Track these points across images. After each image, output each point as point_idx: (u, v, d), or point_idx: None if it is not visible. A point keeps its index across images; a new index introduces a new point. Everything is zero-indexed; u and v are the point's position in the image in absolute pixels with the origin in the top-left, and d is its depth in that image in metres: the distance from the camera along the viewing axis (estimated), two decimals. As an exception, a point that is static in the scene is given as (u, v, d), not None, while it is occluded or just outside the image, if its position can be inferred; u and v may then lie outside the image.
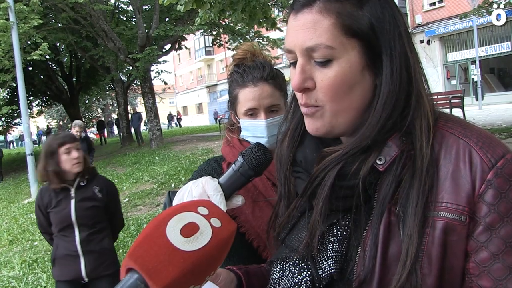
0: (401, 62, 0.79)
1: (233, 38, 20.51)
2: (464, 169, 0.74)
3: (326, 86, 0.79)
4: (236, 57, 1.55)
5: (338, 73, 0.78)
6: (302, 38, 0.79)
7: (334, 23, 0.77)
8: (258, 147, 0.94)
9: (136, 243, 0.64)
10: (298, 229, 0.90)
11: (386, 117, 0.78)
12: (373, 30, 0.78)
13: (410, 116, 0.79)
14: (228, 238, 0.69)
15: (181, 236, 0.64)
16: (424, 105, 0.80)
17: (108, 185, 3.29)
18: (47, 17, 19.06)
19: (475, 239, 0.72)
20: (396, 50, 0.79)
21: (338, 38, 0.77)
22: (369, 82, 0.81)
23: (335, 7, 0.77)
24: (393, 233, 0.76)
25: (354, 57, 0.78)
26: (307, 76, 0.81)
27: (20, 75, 12.68)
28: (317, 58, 0.79)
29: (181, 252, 0.62)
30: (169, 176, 11.11)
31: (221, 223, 0.69)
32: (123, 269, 0.63)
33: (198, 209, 0.70)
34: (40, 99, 31.64)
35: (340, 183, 0.80)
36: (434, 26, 24.78)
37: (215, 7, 7.88)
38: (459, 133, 0.78)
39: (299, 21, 0.80)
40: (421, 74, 0.83)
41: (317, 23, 0.78)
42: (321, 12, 0.78)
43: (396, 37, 0.80)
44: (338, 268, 0.81)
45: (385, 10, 0.80)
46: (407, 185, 0.76)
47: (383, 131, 0.78)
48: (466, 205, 0.72)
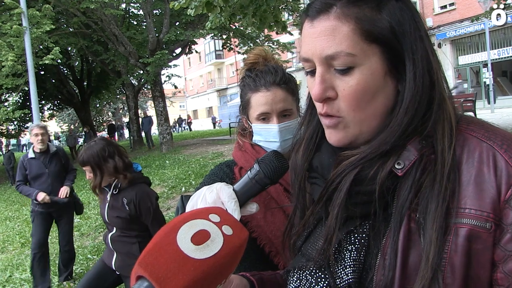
0: (423, 66, 0.77)
1: (243, 42, 20.58)
2: (488, 173, 0.71)
3: (348, 95, 0.77)
4: (248, 62, 1.55)
5: (360, 81, 0.76)
6: (321, 46, 0.77)
7: (353, 29, 0.75)
8: (275, 155, 0.93)
9: (146, 250, 0.63)
10: (315, 237, 0.88)
11: (408, 122, 0.76)
12: (394, 34, 0.76)
13: (432, 120, 0.76)
14: (239, 246, 0.68)
15: (192, 244, 0.63)
16: (446, 108, 0.78)
17: (140, 198, 3.20)
18: (59, 22, 19.23)
19: (502, 248, 0.69)
20: (418, 53, 0.77)
21: (358, 45, 0.75)
22: (392, 87, 0.79)
23: (353, 12, 0.75)
24: (414, 241, 0.73)
25: (376, 63, 0.76)
26: (327, 86, 0.79)
27: (32, 79, 12.80)
28: (338, 66, 0.77)
29: (192, 260, 0.61)
30: (180, 180, 11.12)
31: (232, 230, 0.68)
32: (133, 277, 0.62)
33: (210, 216, 0.69)
34: (52, 103, 31.93)
35: (357, 188, 0.78)
36: (445, 29, 24.63)
37: (225, 11, 7.89)
38: (482, 135, 0.75)
39: (316, 28, 0.78)
40: (442, 77, 0.81)
41: (335, 30, 0.75)
42: (339, 18, 0.75)
43: (418, 40, 0.77)
44: (356, 277, 0.78)
45: (404, 13, 0.77)
46: (427, 191, 0.73)
47: (403, 136, 0.76)
48: (491, 211, 0.69)
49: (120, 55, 19.41)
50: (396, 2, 0.78)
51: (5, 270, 6.57)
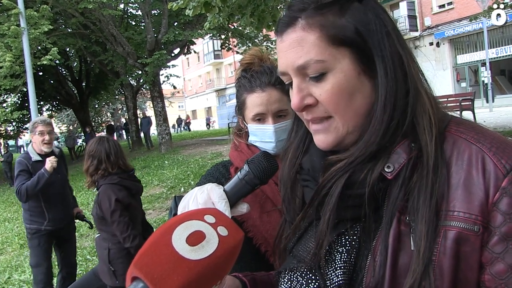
0: (393, 61, 0.78)
1: (241, 42, 20.58)
2: (477, 176, 0.71)
3: (325, 99, 0.79)
4: (244, 62, 1.55)
5: (335, 84, 0.77)
6: (292, 58, 0.79)
7: (319, 37, 0.76)
8: (264, 156, 0.93)
9: (142, 251, 0.63)
10: (306, 239, 0.88)
11: (388, 119, 0.77)
12: (359, 34, 0.77)
13: (409, 113, 0.77)
14: (235, 247, 0.68)
15: (187, 245, 0.63)
16: (423, 101, 0.79)
17: (101, 198, 3.30)
18: (57, 22, 19.22)
19: (490, 250, 0.69)
20: (386, 49, 0.78)
21: (326, 50, 0.76)
22: (369, 86, 0.79)
23: (317, 20, 0.77)
24: (403, 243, 0.73)
25: (347, 65, 0.77)
26: (305, 94, 0.81)
27: (30, 80, 12.78)
28: (311, 74, 0.78)
29: (187, 261, 0.61)
30: (179, 180, 11.12)
31: (228, 231, 0.68)
32: (128, 278, 0.62)
33: (205, 217, 0.69)
34: (50, 104, 31.91)
35: (348, 192, 0.78)
36: (444, 28, 24.65)
37: (223, 11, 7.89)
38: (472, 138, 0.75)
39: (285, 42, 0.80)
40: (416, 70, 0.82)
41: (302, 40, 0.77)
42: (304, 29, 0.77)
43: (385, 37, 0.79)
44: (346, 279, 0.79)
45: (369, 12, 0.79)
46: (416, 188, 0.73)
47: (387, 134, 0.77)
48: (479, 214, 0.69)
49: (119, 56, 19.40)
50: (359, 3, 0.79)
51: (4, 271, 6.57)
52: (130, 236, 3.22)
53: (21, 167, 4.30)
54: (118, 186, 3.35)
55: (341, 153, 0.83)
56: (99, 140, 3.42)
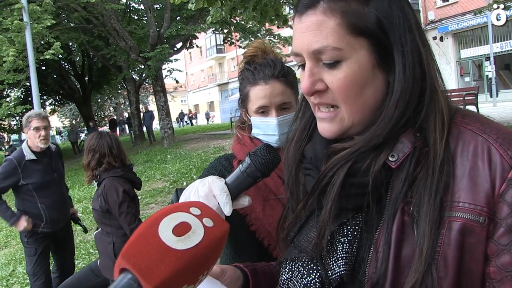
0: (413, 58, 0.77)
1: (244, 36, 20.54)
2: (483, 167, 0.70)
3: (336, 87, 0.78)
4: (247, 55, 1.54)
5: (348, 73, 0.76)
6: (308, 41, 0.78)
7: (339, 23, 0.75)
8: (266, 148, 0.93)
9: (129, 243, 0.64)
10: (307, 229, 0.88)
11: (399, 115, 0.76)
12: (381, 27, 0.76)
13: (424, 111, 0.76)
14: (220, 238, 0.69)
15: (173, 235, 0.64)
16: (438, 100, 0.78)
17: (108, 190, 3.30)
18: (60, 17, 19.23)
19: (495, 242, 0.68)
20: (407, 45, 0.76)
21: (345, 39, 0.75)
22: (381, 80, 0.78)
23: (340, 6, 0.75)
24: (407, 234, 0.73)
25: (363, 56, 0.76)
26: (316, 79, 0.80)
27: (33, 74, 12.82)
28: (325, 60, 0.77)
29: (174, 251, 0.62)
30: (181, 174, 11.15)
31: (213, 223, 0.69)
32: (116, 270, 0.63)
33: (191, 209, 0.70)
34: (53, 98, 32.03)
35: (350, 180, 0.78)
36: (447, 23, 24.52)
37: (226, 5, 7.88)
38: (477, 129, 0.74)
39: (304, 24, 0.78)
40: (434, 68, 0.80)
41: (322, 25, 0.76)
42: (325, 13, 0.76)
43: (407, 32, 0.77)
44: (348, 269, 0.78)
45: (393, 4, 0.77)
46: (421, 183, 0.73)
47: (395, 129, 0.76)
48: (485, 205, 0.69)
49: (121, 50, 19.40)
50: None
51: (8, 264, 6.61)
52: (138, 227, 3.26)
53: (6, 168, 3.93)
54: (123, 178, 3.37)
55: (345, 142, 0.82)
56: (100, 135, 3.43)
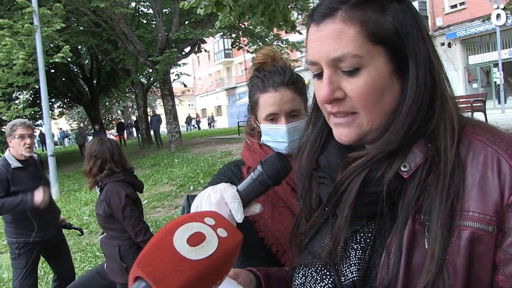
0: (425, 66, 0.79)
1: (252, 41, 20.60)
2: (492, 177, 0.72)
3: (356, 94, 0.79)
4: (256, 62, 1.55)
5: (368, 80, 0.77)
6: (327, 49, 0.78)
7: (359, 31, 0.76)
8: (277, 156, 0.94)
9: (144, 252, 0.65)
10: (321, 235, 0.89)
11: (411, 121, 0.77)
12: (398, 35, 0.78)
13: (435, 118, 0.78)
14: (234, 248, 0.70)
15: (188, 245, 0.65)
16: (448, 107, 0.79)
17: (110, 195, 3.30)
18: (69, 20, 19.36)
19: (504, 251, 0.70)
20: (421, 54, 0.78)
21: (364, 46, 0.76)
22: (397, 87, 0.80)
23: (358, 15, 0.77)
24: (418, 241, 0.74)
25: (382, 64, 0.78)
26: (335, 87, 0.80)
27: (42, 77, 12.94)
28: (345, 68, 0.78)
29: (188, 261, 0.63)
30: (188, 179, 11.16)
31: (227, 233, 0.70)
32: (131, 278, 0.64)
33: (205, 219, 0.71)
34: (62, 101, 32.23)
35: (365, 189, 0.79)
36: (456, 29, 24.43)
37: (234, 11, 7.91)
38: (488, 140, 0.76)
39: (322, 32, 0.79)
40: (444, 76, 0.82)
41: (342, 33, 0.77)
42: (344, 21, 0.77)
43: (420, 41, 0.79)
44: (360, 275, 0.80)
45: (406, 14, 0.79)
46: (432, 189, 0.74)
47: (408, 135, 0.78)
48: (494, 215, 0.70)
49: (130, 54, 19.51)
50: (398, 4, 0.80)
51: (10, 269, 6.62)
52: (142, 230, 3.28)
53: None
54: (124, 183, 3.39)
55: (359, 151, 0.84)
56: (101, 141, 3.45)
